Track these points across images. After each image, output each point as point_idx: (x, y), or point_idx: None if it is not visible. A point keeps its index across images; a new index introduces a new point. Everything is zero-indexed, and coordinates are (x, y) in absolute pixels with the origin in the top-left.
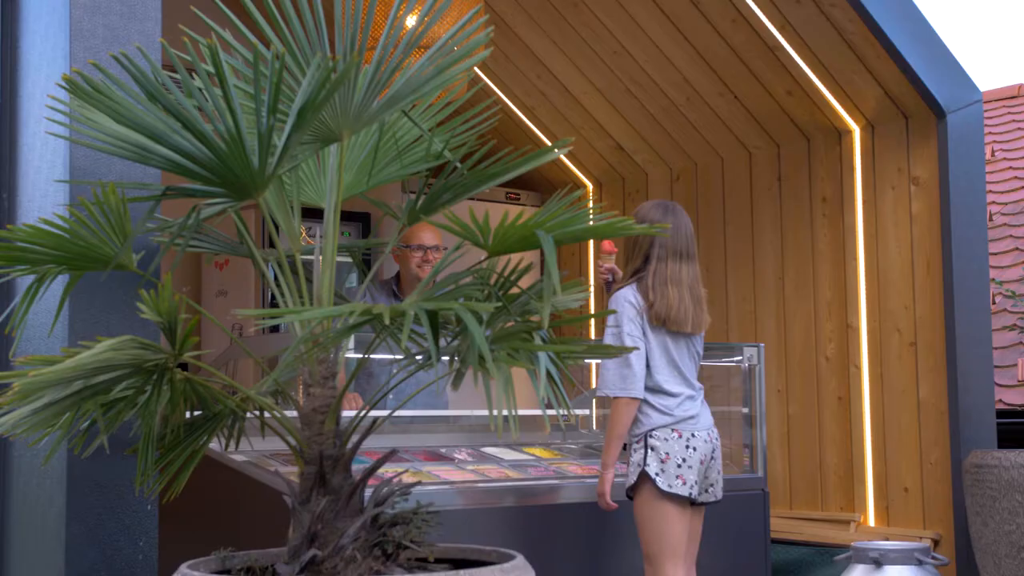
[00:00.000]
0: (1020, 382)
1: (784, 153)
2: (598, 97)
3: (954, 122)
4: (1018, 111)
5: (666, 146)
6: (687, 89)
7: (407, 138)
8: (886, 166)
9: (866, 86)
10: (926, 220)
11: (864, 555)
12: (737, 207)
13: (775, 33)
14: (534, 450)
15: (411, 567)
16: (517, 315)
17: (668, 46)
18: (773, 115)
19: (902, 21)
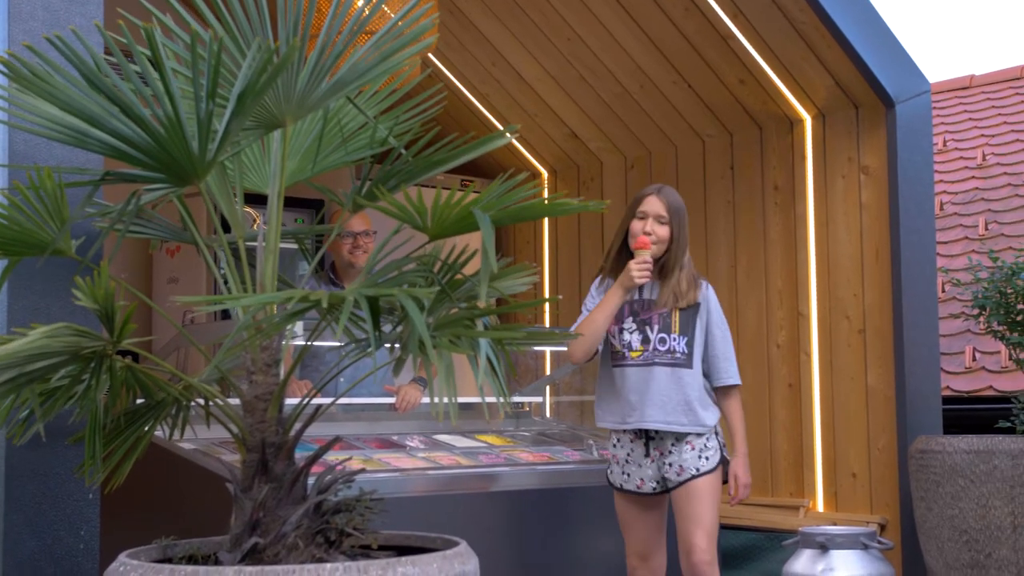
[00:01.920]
0: (967, 369)
1: (737, 141)
2: (552, 84)
3: (903, 112)
4: (970, 102)
5: (620, 134)
6: (641, 77)
7: (352, 124)
8: (837, 155)
9: (817, 76)
10: (875, 209)
11: (811, 540)
12: (690, 195)
13: (727, 22)
14: (487, 437)
15: (354, 554)
16: (461, 301)
17: (622, 33)
18: (726, 104)
19: (852, 11)
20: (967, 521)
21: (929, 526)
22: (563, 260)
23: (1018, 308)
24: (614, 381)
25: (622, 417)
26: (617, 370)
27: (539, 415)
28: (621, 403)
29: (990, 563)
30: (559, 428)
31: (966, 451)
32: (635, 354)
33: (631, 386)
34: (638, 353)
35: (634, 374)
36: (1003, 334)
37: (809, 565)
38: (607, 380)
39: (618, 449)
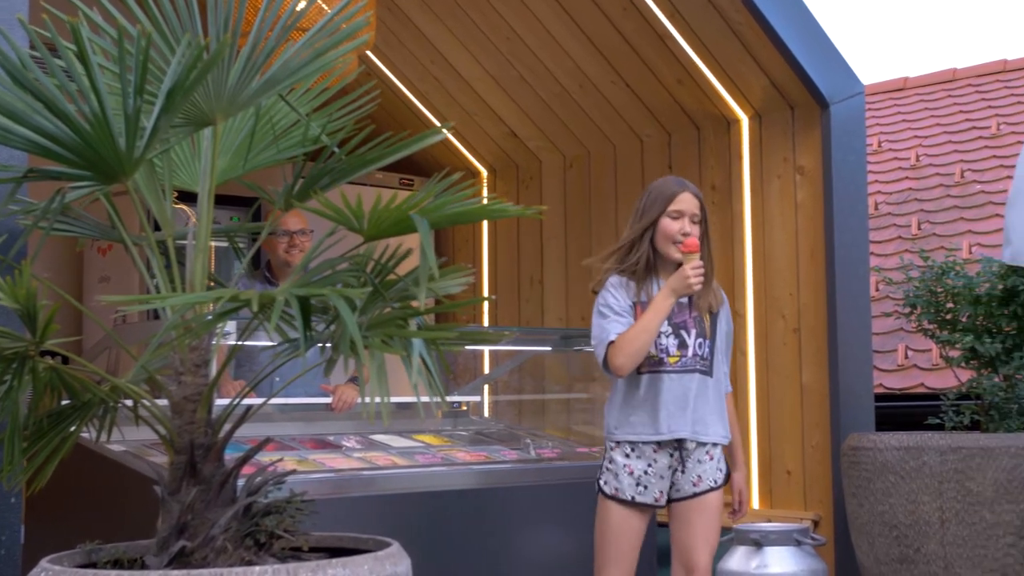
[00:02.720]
0: (900, 367)
1: (675, 141)
2: (491, 83)
3: (837, 113)
4: (904, 103)
5: (559, 133)
6: (580, 76)
7: (285, 122)
8: (773, 155)
9: (753, 76)
10: (810, 209)
11: (745, 537)
12: (629, 195)
13: (665, 22)
14: (424, 437)
15: (284, 556)
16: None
17: (560, 33)
18: (664, 104)
19: (788, 13)
20: (897, 516)
21: (860, 522)
22: (502, 260)
23: (947, 307)
24: (646, 389)
25: (656, 428)
26: (651, 377)
27: (477, 414)
28: (656, 412)
29: (919, 557)
30: (497, 427)
31: (896, 448)
32: (673, 360)
33: (669, 394)
34: (676, 359)
35: (672, 381)
36: (933, 332)
37: (743, 562)
38: (634, 388)
39: (633, 460)
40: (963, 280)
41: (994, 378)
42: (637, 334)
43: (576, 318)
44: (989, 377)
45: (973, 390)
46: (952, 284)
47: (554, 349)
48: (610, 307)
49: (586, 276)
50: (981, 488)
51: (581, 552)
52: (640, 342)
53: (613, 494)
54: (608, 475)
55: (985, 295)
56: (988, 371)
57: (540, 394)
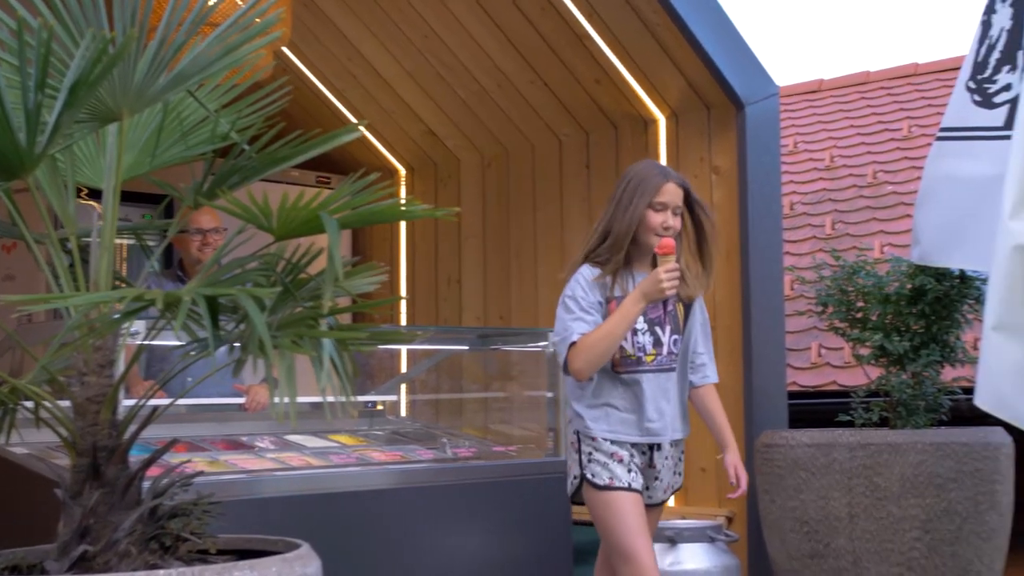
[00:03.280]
0: (813, 365)
1: (593, 140)
2: (409, 81)
3: (753, 114)
4: (819, 105)
5: (478, 132)
6: (498, 75)
7: (194, 118)
8: (689, 155)
9: (670, 77)
10: (726, 209)
11: (660, 534)
12: (547, 193)
13: (583, 22)
14: (339, 437)
15: (190, 559)
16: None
17: (478, 31)
18: (582, 103)
19: (704, 15)
20: (808, 512)
21: (773, 518)
22: (419, 259)
23: (858, 306)
24: (626, 389)
25: (639, 430)
26: (628, 377)
27: (394, 414)
28: (637, 414)
29: (828, 552)
30: (414, 427)
31: (807, 444)
32: (650, 358)
33: (648, 394)
34: (652, 357)
35: (650, 381)
36: (844, 331)
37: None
38: (613, 387)
39: (618, 448)
40: (873, 279)
41: (902, 375)
42: (600, 339)
43: (494, 317)
44: (897, 375)
45: (882, 387)
46: (862, 283)
47: (471, 348)
48: (576, 301)
49: (504, 275)
50: (889, 483)
51: (497, 551)
52: (603, 347)
53: (608, 483)
54: (596, 467)
55: (894, 294)
56: (896, 369)
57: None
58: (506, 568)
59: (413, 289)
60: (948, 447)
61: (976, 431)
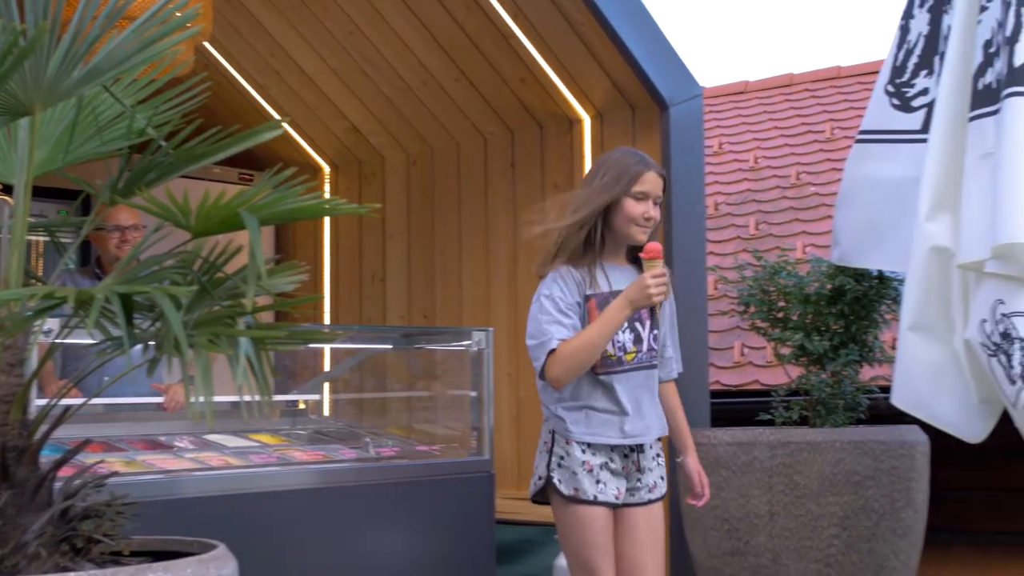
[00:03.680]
0: (736, 364)
1: (518, 140)
2: (333, 77)
3: (677, 115)
4: (744, 106)
5: (403, 130)
6: (423, 73)
7: (109, 113)
8: None
9: (595, 77)
10: None
11: None
12: (472, 192)
13: (508, 21)
14: (260, 436)
15: (103, 562)
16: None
17: (403, 29)
18: (507, 102)
19: (629, 15)
20: (728, 510)
21: (694, 516)
22: (343, 257)
23: (779, 306)
24: (605, 390)
25: (620, 432)
26: (607, 378)
27: (317, 413)
28: (618, 415)
29: (749, 550)
30: (336, 426)
31: (729, 443)
32: (630, 356)
33: (627, 394)
34: (632, 355)
35: (630, 380)
36: (765, 330)
37: None
38: (591, 389)
39: (590, 455)
40: (794, 280)
41: (821, 375)
42: (581, 348)
43: (418, 316)
44: (817, 374)
45: (802, 386)
46: (783, 283)
47: (395, 347)
48: (554, 301)
49: (428, 274)
50: (808, 481)
51: (419, 551)
52: (583, 357)
53: (573, 495)
54: (563, 472)
55: (814, 294)
56: (816, 368)
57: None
58: (429, 568)
59: (337, 287)
60: (866, 445)
61: (893, 429)
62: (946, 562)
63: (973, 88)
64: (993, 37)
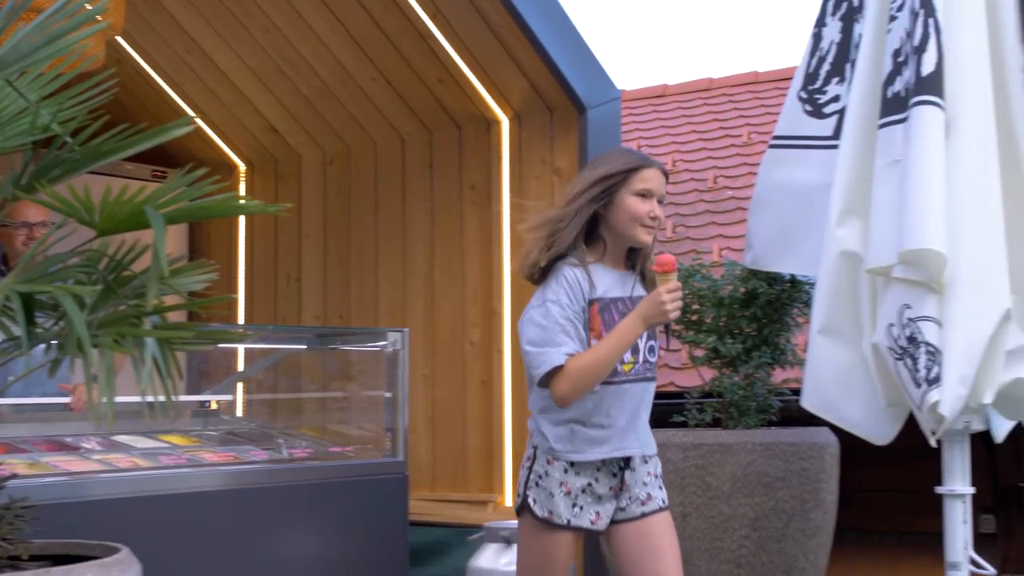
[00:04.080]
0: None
1: (436, 140)
2: (250, 75)
3: (594, 117)
4: (663, 110)
5: (320, 129)
6: (340, 72)
7: (13, 108)
8: (531, 157)
9: (514, 78)
10: None
11: (495, 534)
12: (389, 192)
13: (426, 21)
14: (171, 437)
15: (1, 566)
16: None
17: (321, 27)
18: (425, 102)
19: (547, 18)
20: None
21: None
22: (258, 256)
23: (693, 308)
24: (596, 403)
25: (607, 447)
26: (603, 389)
27: (229, 414)
28: (608, 429)
29: None
30: (249, 427)
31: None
32: (627, 368)
33: (623, 407)
34: (630, 367)
35: (625, 393)
36: (680, 333)
37: (493, 559)
38: (579, 403)
39: (571, 477)
40: (708, 283)
41: (734, 377)
42: (591, 365)
43: (334, 316)
44: (730, 376)
45: (715, 388)
46: (698, 286)
47: (310, 347)
48: (562, 308)
49: (344, 274)
50: (719, 483)
51: (332, 553)
52: (594, 375)
53: (547, 517)
54: (539, 492)
55: (728, 297)
56: (729, 370)
57: (295, 393)
58: (341, 570)
59: (252, 287)
60: (777, 447)
61: (803, 431)
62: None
63: (883, 96)
64: (902, 46)
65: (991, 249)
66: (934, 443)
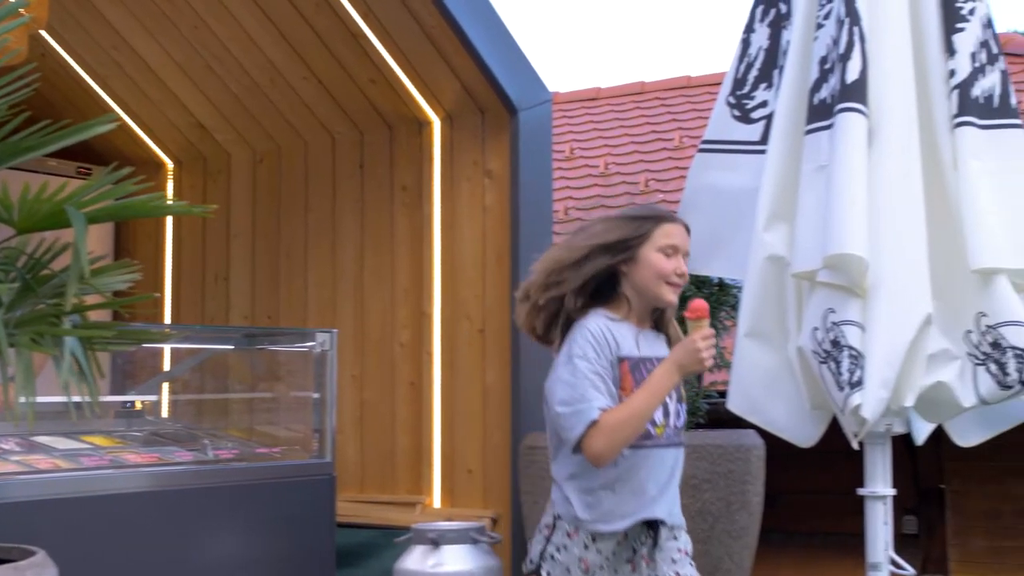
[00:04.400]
0: None
1: (367, 140)
2: (178, 72)
3: (526, 119)
4: (596, 113)
5: (249, 127)
6: (271, 70)
7: None
8: (463, 158)
9: (446, 80)
10: (498, 212)
11: (423, 536)
12: (319, 192)
13: (359, 21)
14: (93, 438)
15: None
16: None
17: (251, 25)
18: (356, 102)
19: (480, 20)
20: None
21: (534, 520)
22: (186, 255)
23: None
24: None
25: (634, 514)
26: (632, 452)
27: (154, 414)
28: (637, 497)
29: None
30: (174, 428)
31: None
32: (660, 430)
33: (653, 475)
34: (662, 429)
35: (656, 459)
36: None
37: (420, 561)
38: (608, 467)
39: (591, 552)
40: None
41: None
42: (627, 420)
43: (262, 317)
44: None
45: None
46: None
47: (238, 348)
48: (589, 362)
49: (274, 274)
50: None
51: (258, 554)
52: (631, 430)
53: None
54: (555, 566)
55: None
56: None
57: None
58: (268, 573)
59: (178, 286)
60: (704, 449)
61: (730, 434)
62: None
63: (809, 102)
64: (828, 54)
65: (913, 254)
66: (856, 445)
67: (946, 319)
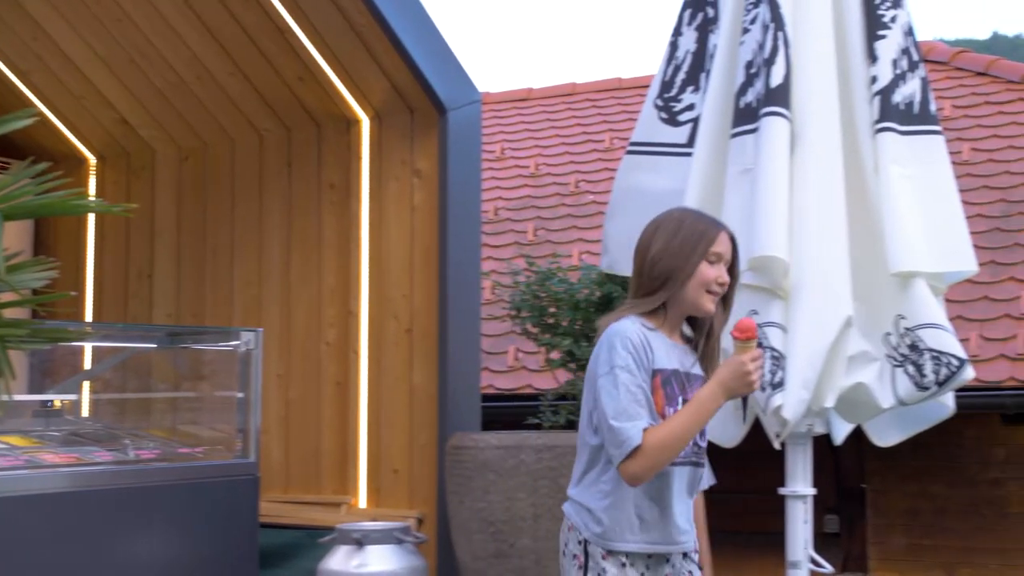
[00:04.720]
0: (510, 368)
1: (294, 138)
2: (101, 66)
3: (455, 119)
4: (527, 113)
5: (175, 123)
6: (196, 66)
7: None
8: (391, 157)
9: (375, 78)
10: (426, 212)
11: (347, 536)
12: (246, 190)
13: (286, 17)
14: (8, 438)
15: None
16: None
17: (176, 19)
18: (284, 99)
19: (409, 19)
20: (495, 513)
21: (460, 520)
22: (109, 252)
23: (550, 311)
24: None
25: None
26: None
27: (73, 414)
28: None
29: (513, 552)
30: (94, 427)
31: (496, 446)
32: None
33: (675, 494)
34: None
35: (680, 476)
36: (536, 335)
37: (344, 561)
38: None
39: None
40: (564, 286)
41: None
42: (671, 441)
43: (187, 315)
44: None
45: (571, 391)
46: (555, 290)
47: (161, 346)
48: (632, 374)
49: (199, 273)
50: None
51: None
52: (671, 452)
53: None
54: None
55: (584, 301)
56: (584, 373)
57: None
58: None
59: (101, 284)
60: None
61: None
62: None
63: (735, 106)
64: (754, 58)
65: (834, 257)
66: (778, 445)
67: (866, 321)
